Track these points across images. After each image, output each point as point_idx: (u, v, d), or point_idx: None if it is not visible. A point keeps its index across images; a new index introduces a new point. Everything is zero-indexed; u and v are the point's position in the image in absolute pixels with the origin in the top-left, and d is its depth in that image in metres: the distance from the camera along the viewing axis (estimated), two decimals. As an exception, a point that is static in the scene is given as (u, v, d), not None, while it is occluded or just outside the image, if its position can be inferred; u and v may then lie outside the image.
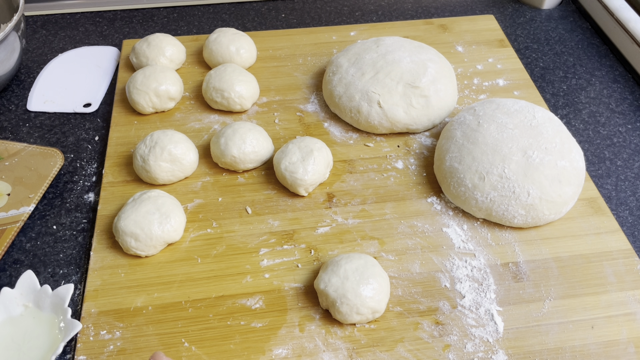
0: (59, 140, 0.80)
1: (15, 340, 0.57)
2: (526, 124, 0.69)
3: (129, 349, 0.57)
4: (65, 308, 0.58)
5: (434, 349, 0.57)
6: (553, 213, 0.66)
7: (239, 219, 0.69)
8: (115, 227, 0.65)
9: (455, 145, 0.70)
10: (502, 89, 0.86)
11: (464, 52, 0.92)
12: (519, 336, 0.59)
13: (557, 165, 0.66)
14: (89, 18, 1.02)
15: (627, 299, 0.61)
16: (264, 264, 0.65)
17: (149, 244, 0.64)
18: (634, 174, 0.76)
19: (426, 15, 1.04)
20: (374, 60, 0.79)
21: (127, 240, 0.63)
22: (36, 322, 0.59)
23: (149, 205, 0.65)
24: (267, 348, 0.58)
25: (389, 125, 0.77)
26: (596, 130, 0.82)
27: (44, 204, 0.72)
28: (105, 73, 0.90)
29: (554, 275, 0.64)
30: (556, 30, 1.00)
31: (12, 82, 0.89)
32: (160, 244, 0.64)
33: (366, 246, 0.66)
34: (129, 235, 0.63)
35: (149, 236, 0.63)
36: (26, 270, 0.61)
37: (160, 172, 0.70)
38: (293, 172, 0.69)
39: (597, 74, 0.92)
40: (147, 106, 0.80)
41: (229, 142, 0.71)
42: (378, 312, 0.58)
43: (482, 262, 0.65)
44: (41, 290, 0.59)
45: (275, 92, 0.85)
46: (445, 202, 0.71)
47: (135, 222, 0.63)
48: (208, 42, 0.87)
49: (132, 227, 0.63)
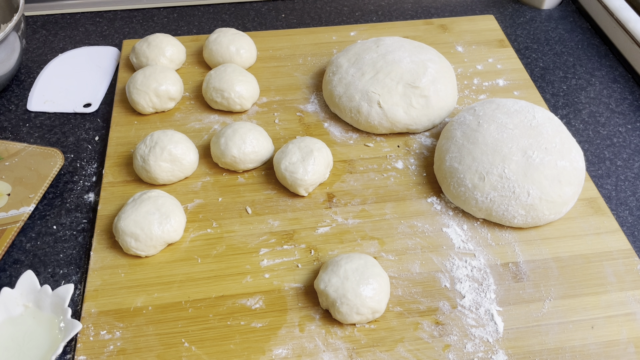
0: (59, 140, 0.80)
1: (15, 340, 0.57)
2: (526, 124, 0.69)
3: (129, 349, 0.57)
4: (65, 308, 0.58)
5: (434, 349, 0.58)
6: (553, 213, 0.66)
7: (239, 219, 0.69)
8: (115, 227, 0.65)
9: (455, 145, 0.70)
10: (502, 89, 0.86)
11: (464, 52, 0.92)
12: (519, 336, 0.59)
13: (557, 165, 0.66)
14: (89, 18, 1.02)
15: (627, 299, 0.61)
16: (264, 264, 0.65)
17: (149, 244, 0.64)
18: (634, 174, 0.76)
19: (426, 15, 1.04)
20: (374, 60, 0.79)
21: (127, 240, 0.63)
22: (36, 322, 0.59)
23: (149, 206, 0.65)
24: (267, 348, 0.58)
25: (389, 125, 0.77)
26: (596, 130, 0.82)
27: (44, 204, 0.72)
28: (105, 73, 0.90)
29: (554, 275, 0.64)
30: (556, 30, 1.00)
31: (12, 82, 0.89)
32: (160, 244, 0.65)
33: (366, 246, 0.66)
34: (129, 235, 0.63)
35: (149, 236, 0.63)
36: (26, 271, 0.61)
37: (160, 172, 0.71)
38: (293, 172, 0.69)
39: (597, 74, 0.92)
40: (147, 106, 0.80)
41: (229, 142, 0.71)
42: (378, 312, 0.58)
43: (482, 262, 0.65)
44: (41, 291, 0.59)
45: (275, 92, 0.85)
46: (445, 202, 0.71)
47: (135, 222, 0.63)
48: (208, 42, 0.87)
49: (132, 227, 0.63)
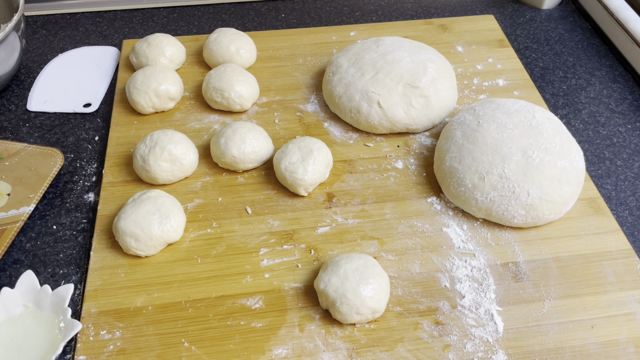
0: (59, 140, 0.80)
1: (15, 340, 0.57)
2: (526, 124, 0.69)
3: (129, 349, 0.57)
4: (65, 308, 0.58)
5: (433, 349, 0.58)
6: (553, 213, 0.66)
7: (239, 219, 0.69)
8: (115, 227, 0.65)
9: (455, 145, 0.70)
10: (502, 89, 0.86)
11: (464, 52, 0.92)
12: (519, 336, 0.59)
13: (557, 165, 0.66)
14: (89, 18, 1.02)
15: (627, 299, 0.61)
16: (264, 264, 0.65)
17: (149, 244, 0.64)
18: (634, 174, 0.76)
19: (426, 15, 1.04)
20: (374, 60, 0.79)
21: (127, 240, 0.63)
22: (36, 322, 0.59)
23: (148, 206, 0.65)
24: (267, 348, 0.58)
25: (388, 125, 0.77)
26: (596, 130, 0.82)
27: (44, 204, 0.72)
28: (105, 73, 0.90)
29: (553, 275, 0.64)
30: (556, 30, 1.00)
31: (12, 82, 0.89)
32: (160, 244, 0.65)
33: (366, 246, 0.66)
34: (129, 235, 0.63)
35: (149, 236, 0.63)
36: (26, 271, 0.61)
37: (160, 172, 0.71)
38: (293, 172, 0.69)
39: (597, 74, 0.92)
40: (147, 106, 0.80)
41: (229, 142, 0.71)
42: (378, 312, 0.58)
43: (482, 262, 0.65)
44: (41, 290, 0.59)
45: (275, 92, 0.85)
46: (445, 202, 0.71)
47: (135, 222, 0.63)
48: (208, 42, 0.87)
49: (132, 227, 0.63)
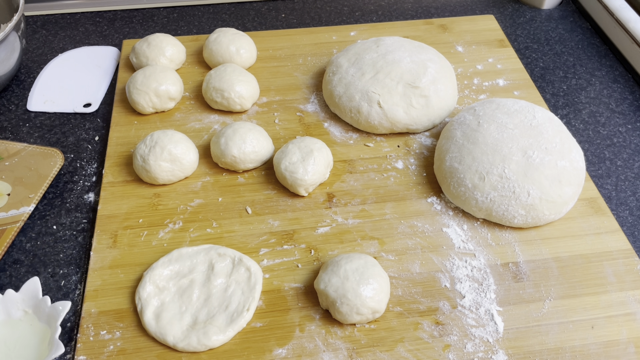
0: (59, 140, 0.80)
1: (7, 344, 0.57)
2: (526, 124, 0.69)
3: (129, 349, 0.57)
4: (56, 326, 0.56)
5: (434, 349, 0.57)
6: (553, 213, 0.66)
7: (239, 219, 0.69)
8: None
9: (455, 145, 0.70)
10: (502, 89, 0.86)
11: (464, 52, 0.92)
12: (519, 336, 0.59)
13: (557, 165, 0.66)
14: (89, 18, 1.02)
15: (627, 299, 0.61)
16: (264, 264, 0.65)
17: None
18: (634, 174, 0.76)
19: (426, 15, 1.04)
20: (374, 60, 0.79)
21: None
22: (32, 329, 0.58)
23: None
24: (267, 348, 0.58)
25: (389, 125, 0.77)
26: (596, 130, 0.82)
27: (44, 204, 0.72)
28: (105, 73, 0.90)
29: (554, 275, 0.64)
30: (556, 30, 1.00)
31: (12, 82, 0.89)
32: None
33: (366, 246, 0.66)
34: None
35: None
36: (33, 277, 0.60)
37: (161, 171, 0.70)
38: (293, 172, 0.69)
39: (597, 74, 0.92)
40: (147, 106, 0.80)
41: (229, 142, 0.71)
42: (378, 312, 0.58)
43: (482, 262, 0.65)
44: (42, 300, 0.58)
45: (275, 92, 0.85)
46: (445, 202, 0.71)
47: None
48: (208, 42, 0.87)
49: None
